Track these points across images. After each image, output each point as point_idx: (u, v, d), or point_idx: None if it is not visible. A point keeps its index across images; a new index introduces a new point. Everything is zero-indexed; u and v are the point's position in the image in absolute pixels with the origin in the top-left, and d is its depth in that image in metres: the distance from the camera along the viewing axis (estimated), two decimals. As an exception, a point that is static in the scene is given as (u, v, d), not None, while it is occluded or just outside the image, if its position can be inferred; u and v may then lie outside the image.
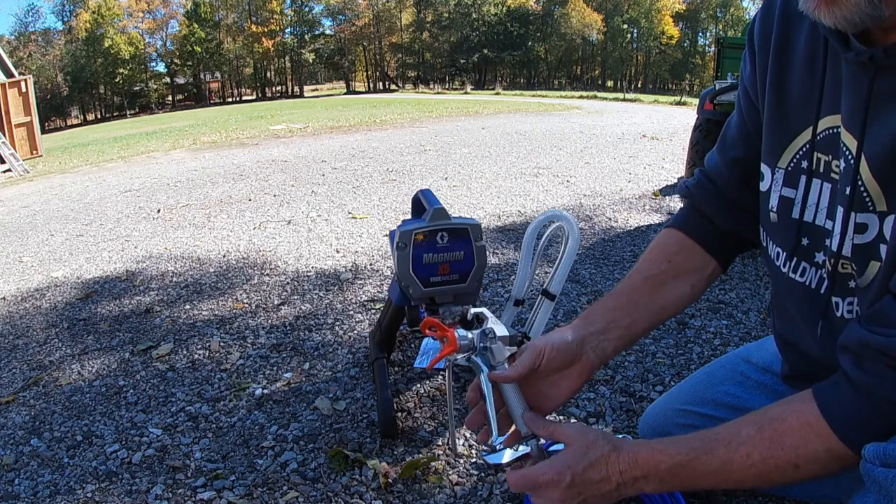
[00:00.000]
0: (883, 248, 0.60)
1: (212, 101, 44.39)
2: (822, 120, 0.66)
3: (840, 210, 0.64)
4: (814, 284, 0.72)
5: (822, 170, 0.68)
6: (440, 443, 1.18)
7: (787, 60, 0.70)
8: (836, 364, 0.72)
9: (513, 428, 0.78)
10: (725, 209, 0.84)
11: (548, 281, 1.19)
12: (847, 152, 0.63)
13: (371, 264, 2.37)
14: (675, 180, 3.72)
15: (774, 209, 0.73)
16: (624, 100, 19.19)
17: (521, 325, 1.57)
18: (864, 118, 0.58)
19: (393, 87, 46.76)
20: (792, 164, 0.71)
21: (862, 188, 0.60)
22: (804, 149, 0.69)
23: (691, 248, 0.86)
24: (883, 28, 0.56)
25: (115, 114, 42.56)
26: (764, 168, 0.75)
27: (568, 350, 0.77)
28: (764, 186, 0.75)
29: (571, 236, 1.15)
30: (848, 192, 0.62)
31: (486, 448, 1.16)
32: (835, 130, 0.65)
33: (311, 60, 49.27)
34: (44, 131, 12.40)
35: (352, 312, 1.88)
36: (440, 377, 1.43)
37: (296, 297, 2.05)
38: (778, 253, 0.76)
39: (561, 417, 1.26)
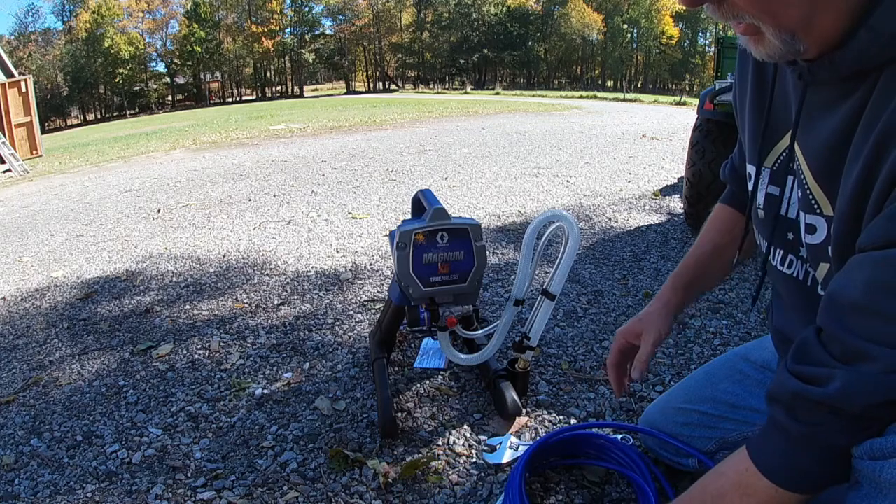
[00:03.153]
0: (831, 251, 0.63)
1: (212, 101, 44.37)
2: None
3: (803, 216, 0.68)
4: (801, 276, 0.74)
5: (793, 167, 0.72)
6: (440, 443, 1.18)
7: (768, 74, 0.73)
8: None
9: None
10: None
11: (548, 281, 1.19)
12: (796, 157, 0.67)
13: (371, 264, 2.37)
14: (675, 180, 3.72)
15: (761, 206, 0.76)
16: (624, 100, 19.17)
17: (521, 325, 1.57)
18: (796, 127, 0.64)
19: (393, 87, 46.75)
20: (777, 163, 0.74)
21: (809, 193, 0.64)
22: (785, 152, 0.72)
23: (741, 220, 0.94)
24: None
25: (115, 114, 42.54)
26: (750, 168, 0.78)
27: (669, 326, 0.95)
28: (751, 185, 0.79)
29: (571, 236, 1.15)
30: (800, 195, 0.66)
31: (486, 448, 1.16)
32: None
33: (311, 60, 49.25)
34: (44, 131, 12.39)
35: (352, 312, 1.88)
36: (440, 377, 1.44)
37: (296, 297, 2.05)
38: (767, 247, 0.79)
39: (562, 418, 1.26)
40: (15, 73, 11.40)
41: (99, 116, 43.37)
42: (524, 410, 1.27)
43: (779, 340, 0.87)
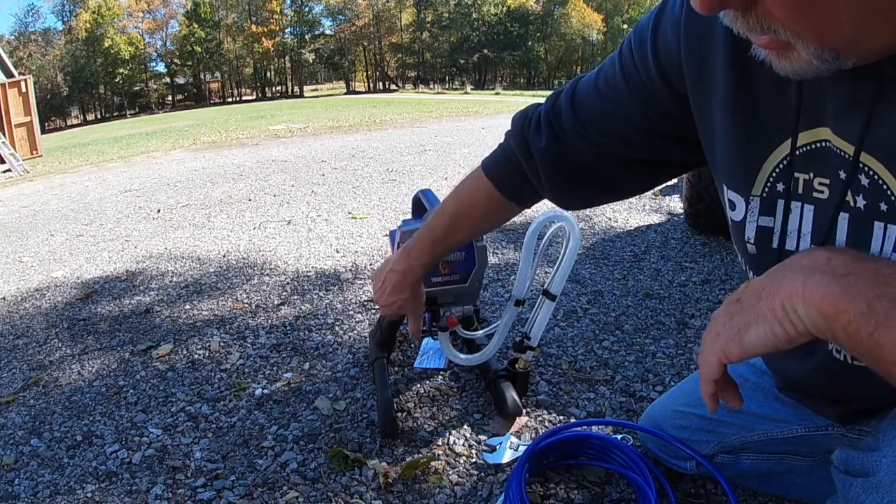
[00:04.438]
0: None
1: (212, 101, 44.39)
2: (801, 134, 0.58)
3: (878, 226, 0.55)
4: None
5: (800, 191, 0.61)
6: (440, 443, 1.18)
7: (752, 73, 0.60)
8: (831, 389, 0.70)
9: None
10: (567, 189, 0.86)
11: (548, 281, 1.19)
12: (844, 162, 0.56)
13: (371, 264, 2.37)
14: (675, 180, 3.72)
15: (752, 241, 0.66)
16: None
17: (521, 325, 1.57)
18: (867, 125, 0.52)
19: (393, 87, 46.75)
20: (767, 190, 0.63)
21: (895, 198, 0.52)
22: (778, 169, 0.62)
23: (505, 207, 0.95)
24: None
25: (115, 114, 42.58)
26: (734, 196, 0.67)
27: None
28: (737, 216, 0.67)
29: (572, 236, 1.15)
30: (885, 207, 0.53)
31: (486, 448, 1.16)
32: (822, 144, 0.57)
33: (311, 60, 49.27)
34: (44, 131, 12.40)
35: (352, 312, 1.88)
36: (440, 377, 1.44)
37: (296, 297, 2.05)
38: None
39: (562, 417, 1.26)
40: (15, 73, 11.42)
41: (99, 116, 43.39)
42: (524, 410, 1.27)
43: (768, 364, 0.85)
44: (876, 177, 0.53)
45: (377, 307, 1.88)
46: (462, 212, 0.97)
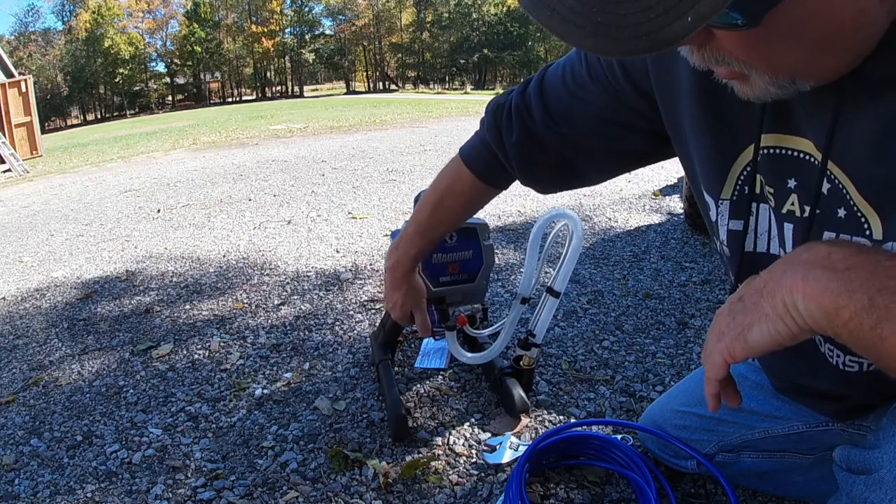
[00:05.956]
0: None
1: (212, 101, 44.40)
2: (765, 136, 0.59)
3: (828, 237, 0.56)
4: None
5: (762, 193, 0.62)
6: (440, 443, 1.18)
7: (718, 81, 0.58)
8: (827, 390, 0.71)
9: None
10: (539, 177, 0.90)
11: (552, 279, 1.19)
12: (811, 168, 0.56)
13: (371, 264, 2.37)
14: (675, 180, 3.72)
15: (725, 243, 0.68)
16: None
17: (521, 324, 1.57)
18: (830, 143, 0.53)
19: (393, 87, 46.76)
20: (736, 193, 0.64)
21: (857, 212, 0.53)
22: (745, 173, 0.63)
23: (485, 193, 0.99)
24: None
25: (115, 114, 42.60)
26: (708, 199, 0.69)
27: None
28: (713, 217, 0.69)
29: (575, 234, 1.15)
30: (843, 214, 0.54)
31: (486, 448, 1.16)
32: (785, 152, 0.58)
33: (311, 60, 49.28)
34: (44, 131, 12.41)
35: (352, 312, 1.88)
36: (440, 377, 1.43)
37: (296, 297, 2.05)
38: (734, 286, 0.69)
39: (562, 417, 1.26)
40: (15, 73, 11.43)
41: (99, 116, 43.41)
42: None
43: (762, 364, 0.86)
44: (837, 182, 0.54)
45: (383, 309, 1.88)
46: (445, 202, 0.99)
